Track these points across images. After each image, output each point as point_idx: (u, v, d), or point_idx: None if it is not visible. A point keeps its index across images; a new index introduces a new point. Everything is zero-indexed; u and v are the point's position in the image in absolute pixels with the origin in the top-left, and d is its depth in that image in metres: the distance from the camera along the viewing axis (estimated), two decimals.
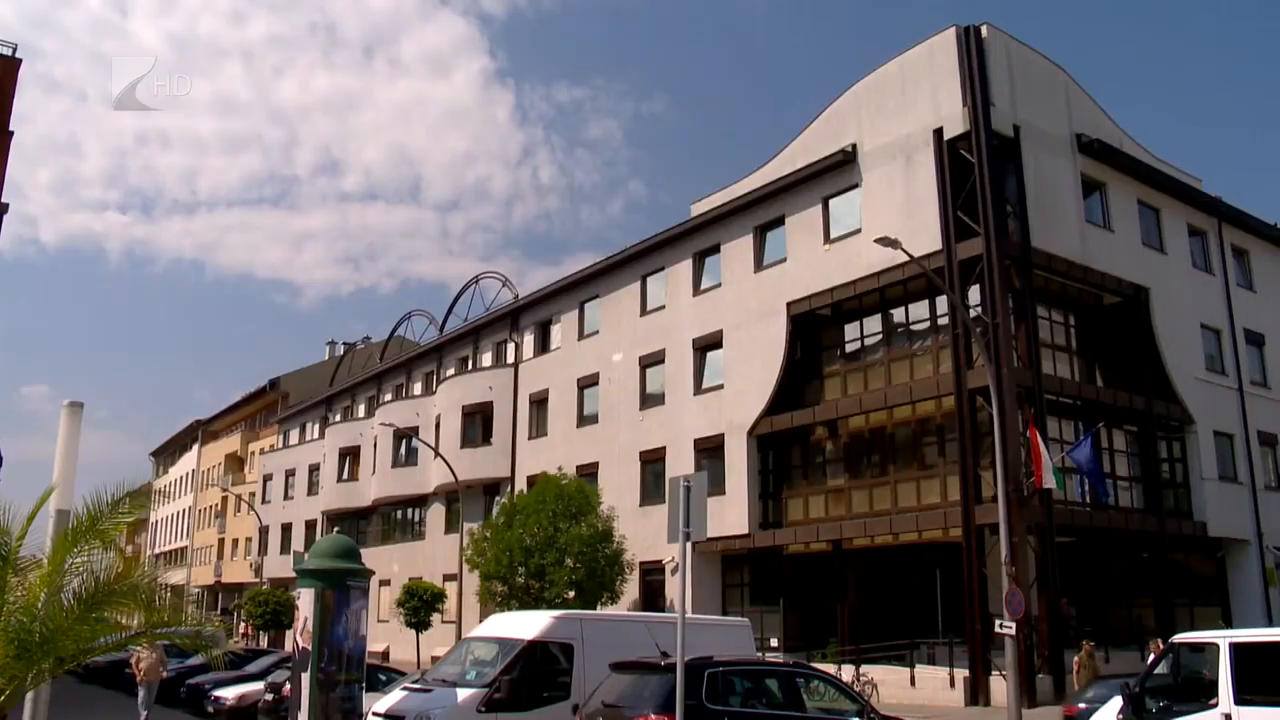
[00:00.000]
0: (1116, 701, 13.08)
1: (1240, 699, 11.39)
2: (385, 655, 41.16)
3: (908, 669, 25.88)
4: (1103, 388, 29.52)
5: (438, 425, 44.91)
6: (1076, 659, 22.38)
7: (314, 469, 58.56)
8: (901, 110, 28.68)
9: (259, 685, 22.06)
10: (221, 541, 74.21)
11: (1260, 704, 11.32)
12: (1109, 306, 30.44)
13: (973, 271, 26.13)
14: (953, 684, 24.72)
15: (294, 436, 65.57)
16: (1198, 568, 31.87)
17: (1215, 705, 11.61)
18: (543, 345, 42.58)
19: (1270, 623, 29.16)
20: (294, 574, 18.68)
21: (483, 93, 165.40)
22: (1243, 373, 33.24)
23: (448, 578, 41.15)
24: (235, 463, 75.08)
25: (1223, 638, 12.32)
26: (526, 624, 15.74)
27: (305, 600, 13.07)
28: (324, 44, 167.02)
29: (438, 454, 40.85)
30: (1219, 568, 31.79)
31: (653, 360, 36.00)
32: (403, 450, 48.71)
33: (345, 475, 54.00)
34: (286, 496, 61.21)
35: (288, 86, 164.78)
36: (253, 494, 64.76)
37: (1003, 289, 25.73)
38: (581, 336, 40.08)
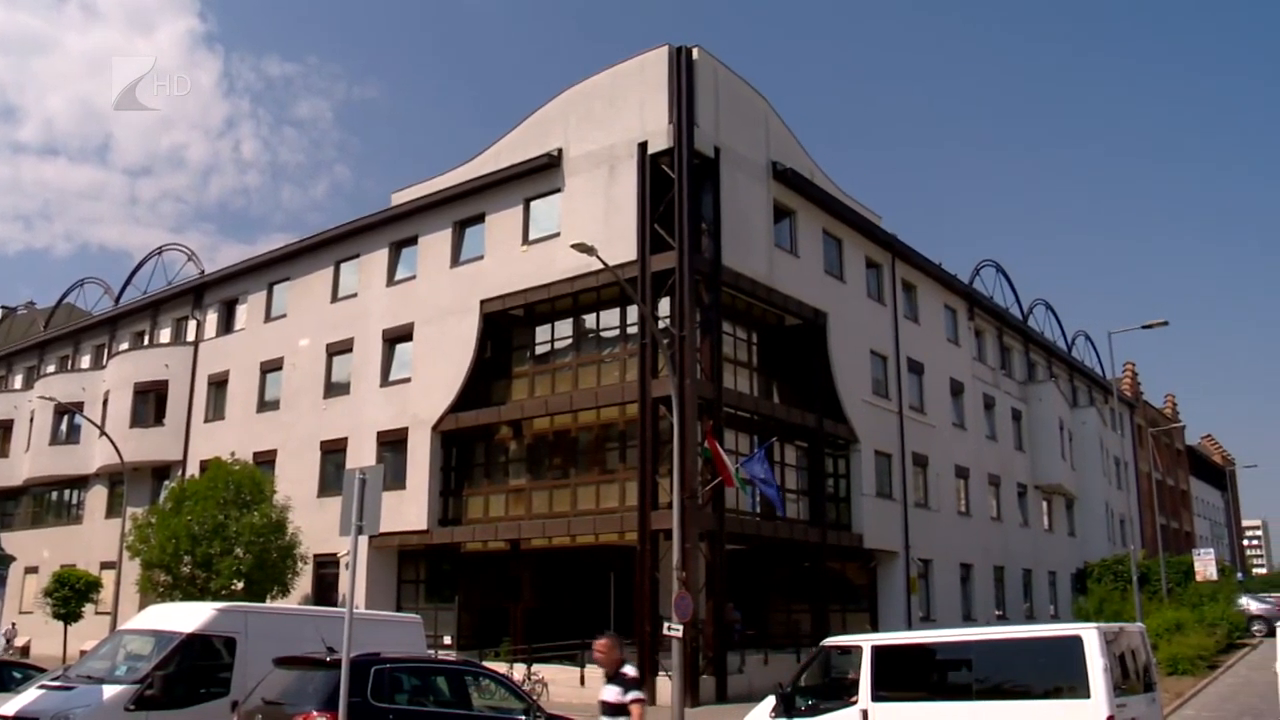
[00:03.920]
0: (770, 700, 13.79)
1: (876, 696, 12.65)
2: (26, 650, 37.99)
3: (579, 669, 26.12)
4: (779, 404, 31.02)
5: (106, 402, 41.82)
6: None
7: None
8: (609, 120, 29.03)
9: None
10: None
11: (892, 700, 12.62)
12: (790, 328, 31.99)
13: (664, 284, 26.76)
14: None
15: None
16: (853, 576, 34.11)
17: (855, 702, 12.75)
18: (227, 325, 40.54)
19: (910, 627, 31.63)
20: None
21: (188, 55, 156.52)
22: (903, 398, 35.86)
23: (106, 566, 38.69)
24: None
25: (865, 641, 13.50)
26: (186, 616, 14.93)
27: None
28: None
29: (103, 432, 38.13)
30: (871, 576, 34.15)
31: (340, 348, 34.94)
32: (64, 426, 45.00)
33: None
34: None
35: None
36: None
37: (691, 303, 26.50)
38: (268, 319, 38.40)
